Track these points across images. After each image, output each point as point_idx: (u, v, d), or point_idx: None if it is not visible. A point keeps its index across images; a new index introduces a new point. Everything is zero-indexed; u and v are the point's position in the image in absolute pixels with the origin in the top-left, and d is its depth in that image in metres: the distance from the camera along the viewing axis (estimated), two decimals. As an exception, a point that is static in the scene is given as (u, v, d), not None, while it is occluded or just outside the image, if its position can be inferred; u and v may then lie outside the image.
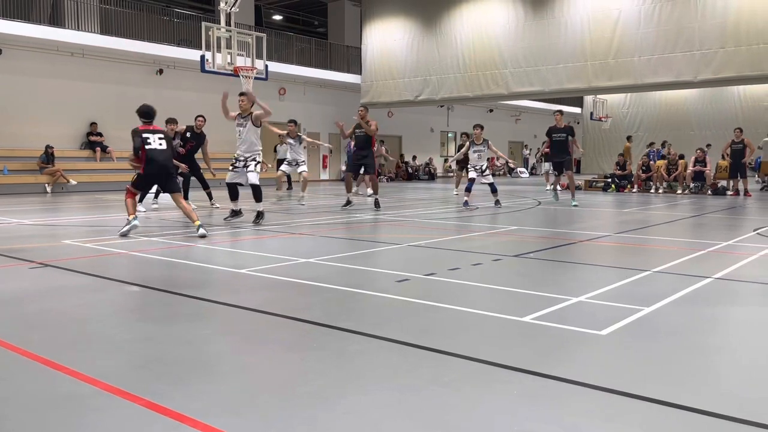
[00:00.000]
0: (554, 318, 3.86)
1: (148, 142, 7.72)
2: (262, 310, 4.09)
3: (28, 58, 18.10)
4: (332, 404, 2.57)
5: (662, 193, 17.90)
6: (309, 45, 26.68)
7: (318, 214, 11.02)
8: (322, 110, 26.13)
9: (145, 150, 7.69)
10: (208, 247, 6.96)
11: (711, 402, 2.60)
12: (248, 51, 15.38)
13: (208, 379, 2.84)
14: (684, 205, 13.51)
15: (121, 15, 20.41)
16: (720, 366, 3.14)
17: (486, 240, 7.75)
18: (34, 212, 11.16)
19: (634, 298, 4.41)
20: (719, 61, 16.73)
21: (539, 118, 37.26)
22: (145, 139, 7.72)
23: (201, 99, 21.78)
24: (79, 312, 4.12)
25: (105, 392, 2.66)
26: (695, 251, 6.69)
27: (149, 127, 7.90)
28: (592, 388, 2.73)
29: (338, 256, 6.29)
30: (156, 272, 5.56)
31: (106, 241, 7.35)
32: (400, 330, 3.70)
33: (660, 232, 8.80)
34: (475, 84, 21.49)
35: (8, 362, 3.11)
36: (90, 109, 19.27)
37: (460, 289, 4.85)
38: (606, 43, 18.42)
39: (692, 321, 3.99)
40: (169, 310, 4.19)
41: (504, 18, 20.67)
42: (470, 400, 2.62)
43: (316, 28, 33.59)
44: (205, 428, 2.32)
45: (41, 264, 5.74)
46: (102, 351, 3.27)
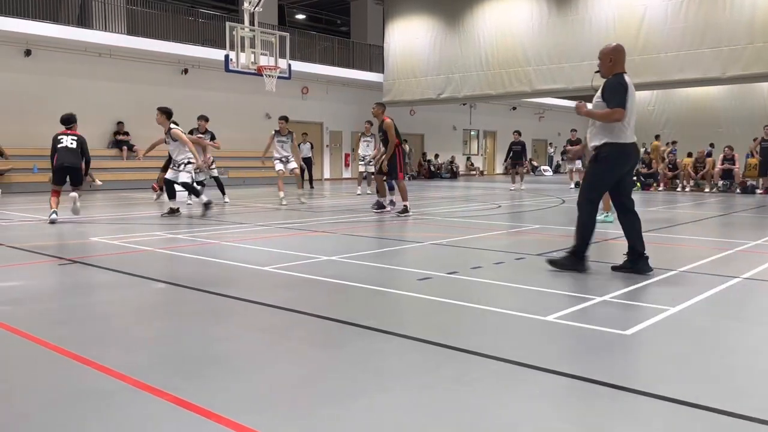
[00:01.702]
0: (578, 317, 3.83)
1: (60, 142, 9.72)
2: (285, 308, 4.11)
3: (57, 58, 18.44)
4: (354, 402, 2.58)
5: (689, 191, 17.64)
6: (332, 44, 26.76)
7: (340, 213, 11.05)
8: (344, 109, 26.20)
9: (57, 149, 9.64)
10: (233, 245, 7.02)
11: (736, 403, 2.55)
12: (272, 50, 15.49)
13: (232, 376, 2.87)
14: (712, 204, 13.30)
15: (147, 16, 20.67)
16: (746, 367, 3.08)
17: (509, 239, 7.70)
18: (62, 210, 11.35)
19: (660, 298, 4.35)
20: (748, 57, 16.42)
21: (563, 116, 36.93)
22: (59, 140, 9.78)
23: (225, 98, 22.04)
24: (105, 308, 4.19)
25: (131, 387, 2.71)
26: (723, 251, 6.58)
27: (66, 131, 9.97)
28: (616, 389, 2.70)
29: (360, 254, 6.30)
30: (181, 269, 5.63)
31: (132, 238, 7.46)
32: (422, 328, 3.70)
33: (687, 231, 8.67)
34: (498, 82, 21.37)
35: (36, 356, 3.17)
36: (117, 109, 19.57)
37: (483, 287, 4.83)
38: (631, 39, 18.17)
39: (719, 322, 3.92)
40: (194, 306, 4.24)
41: (527, 15, 20.52)
42: (493, 400, 2.61)
43: (338, 27, 33.67)
44: (230, 424, 2.34)
45: (69, 261, 5.85)
46: (128, 346, 3.33)
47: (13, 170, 16.41)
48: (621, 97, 5.05)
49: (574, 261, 5.30)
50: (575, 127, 20.80)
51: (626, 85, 5.12)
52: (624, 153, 5.16)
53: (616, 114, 5.03)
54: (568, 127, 22.46)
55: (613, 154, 5.14)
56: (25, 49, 17.82)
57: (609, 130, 5.14)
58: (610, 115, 5.06)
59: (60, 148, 9.68)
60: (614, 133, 5.12)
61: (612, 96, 5.09)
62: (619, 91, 5.09)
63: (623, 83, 5.12)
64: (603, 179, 5.26)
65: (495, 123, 34.75)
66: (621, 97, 5.05)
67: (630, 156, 5.23)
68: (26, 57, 17.91)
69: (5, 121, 17.32)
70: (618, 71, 5.24)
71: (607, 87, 5.19)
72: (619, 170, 5.21)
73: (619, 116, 5.03)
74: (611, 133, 5.13)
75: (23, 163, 16.94)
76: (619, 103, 5.04)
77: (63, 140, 9.83)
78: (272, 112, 23.33)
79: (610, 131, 5.13)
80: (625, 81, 5.15)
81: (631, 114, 5.14)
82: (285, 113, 12.85)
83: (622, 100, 5.05)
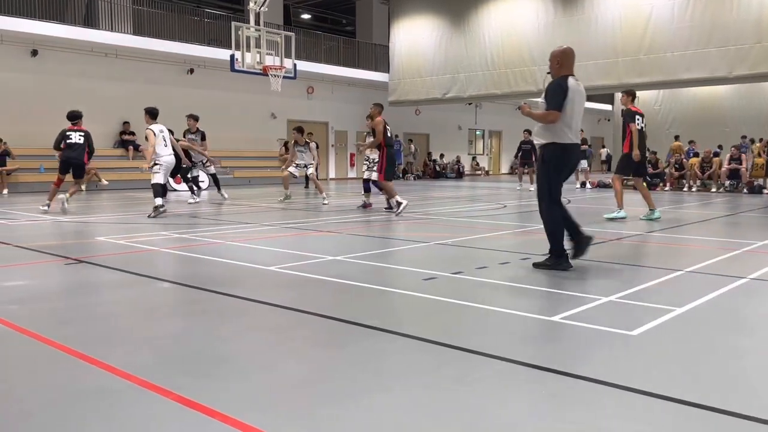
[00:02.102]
0: (584, 318, 3.81)
1: (69, 138, 10.88)
2: (290, 307, 4.12)
3: (63, 58, 18.51)
4: (356, 401, 2.58)
5: (696, 191, 17.56)
6: (337, 44, 26.77)
7: (345, 212, 11.05)
8: (350, 109, 26.21)
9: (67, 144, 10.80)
10: (238, 245, 7.03)
11: (741, 404, 2.54)
12: (277, 50, 15.51)
13: (236, 375, 2.87)
14: (718, 204, 13.24)
15: (153, 16, 20.73)
16: (753, 368, 3.07)
17: (515, 239, 7.69)
18: (69, 210, 11.40)
19: (666, 299, 4.34)
20: (755, 56, 16.32)
21: (569, 116, 36.83)
22: (68, 135, 10.92)
23: (231, 98, 22.08)
24: (111, 307, 4.20)
25: (137, 386, 2.71)
26: (729, 251, 6.54)
27: (72, 126, 11.13)
28: (622, 389, 2.69)
29: (365, 254, 6.31)
30: (186, 269, 5.64)
31: (138, 238, 7.48)
32: (426, 328, 3.70)
33: (693, 231, 8.63)
34: (503, 81, 21.33)
35: (42, 355, 3.18)
36: (123, 109, 19.63)
37: (488, 287, 4.83)
38: (637, 39, 18.11)
39: (725, 322, 3.90)
40: (199, 306, 4.25)
41: (533, 15, 20.47)
42: (497, 400, 2.60)
43: (344, 26, 33.68)
44: (235, 423, 2.35)
45: (76, 260, 5.87)
46: (133, 346, 3.33)
47: (20, 170, 16.48)
48: (557, 100, 5.24)
49: (556, 261, 5.41)
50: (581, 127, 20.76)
51: (566, 88, 5.29)
52: (566, 152, 5.37)
53: (550, 116, 5.25)
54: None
55: (557, 154, 5.35)
56: (32, 49, 17.90)
57: (551, 131, 5.32)
58: (545, 117, 5.28)
59: (68, 144, 10.82)
60: (556, 133, 5.31)
61: (550, 98, 5.30)
62: (557, 93, 5.28)
63: (563, 86, 5.29)
64: (554, 178, 5.45)
65: (500, 123, 34.69)
66: (557, 100, 5.24)
67: (572, 156, 5.46)
68: (33, 57, 17.99)
69: (12, 121, 17.40)
70: (564, 74, 5.40)
71: (548, 89, 5.39)
72: (564, 168, 5.44)
73: (553, 118, 5.24)
74: (553, 133, 5.32)
75: (30, 163, 17.01)
76: (554, 106, 5.24)
77: (72, 136, 10.92)
78: (278, 112, 23.38)
79: (552, 132, 5.32)
80: (567, 84, 5.31)
81: (572, 116, 5.31)
82: (290, 113, 12.91)
83: (558, 103, 5.24)
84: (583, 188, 18.98)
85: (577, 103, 5.35)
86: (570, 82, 5.32)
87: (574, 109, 5.30)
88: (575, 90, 5.33)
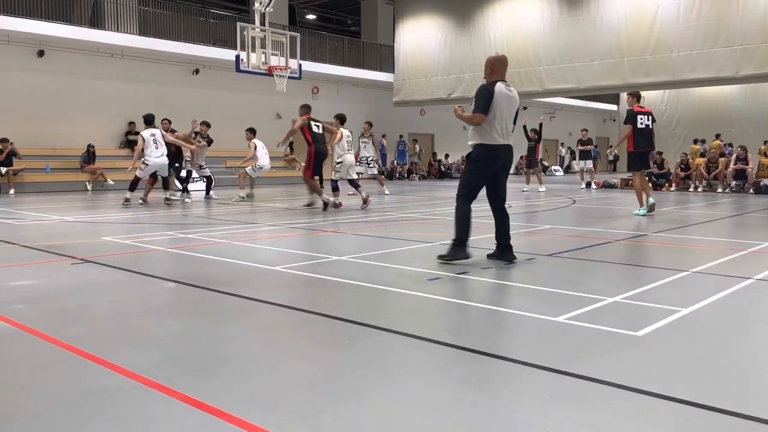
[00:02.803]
0: (589, 318, 3.81)
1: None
2: (295, 307, 4.12)
3: (70, 59, 18.58)
4: (361, 401, 2.59)
5: (702, 191, 17.50)
6: (342, 44, 26.79)
7: (349, 213, 11.06)
8: (354, 109, 26.19)
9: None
10: (243, 245, 7.05)
11: (748, 405, 2.53)
12: (282, 50, 15.51)
13: (241, 375, 2.88)
14: (724, 204, 13.19)
15: (159, 16, 20.79)
16: (759, 369, 3.06)
17: (520, 239, 7.67)
18: (75, 209, 11.45)
19: (672, 299, 4.32)
20: (761, 56, 16.25)
21: (574, 116, 36.78)
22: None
23: (236, 98, 22.11)
24: (117, 307, 4.22)
25: (142, 386, 2.72)
26: (736, 251, 6.52)
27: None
28: (627, 390, 2.69)
29: (370, 254, 6.31)
30: (191, 269, 5.66)
31: (143, 237, 7.51)
32: (431, 328, 3.70)
33: (699, 232, 8.60)
34: (509, 81, 21.24)
35: (48, 355, 3.20)
36: (128, 109, 19.69)
37: (493, 288, 4.82)
38: (643, 39, 18.05)
39: (731, 323, 3.89)
40: (204, 306, 4.26)
41: (538, 15, 20.43)
42: (501, 401, 2.60)
43: (349, 27, 33.70)
44: (239, 422, 2.35)
45: (81, 260, 5.89)
46: (139, 345, 3.35)
47: (27, 170, 16.55)
48: (483, 104, 5.55)
49: (456, 251, 5.70)
50: (586, 127, 20.69)
51: (492, 93, 5.57)
52: (492, 153, 5.66)
53: (475, 118, 5.58)
54: (579, 126, 22.35)
55: (482, 154, 5.67)
56: (38, 50, 17.97)
57: (479, 133, 5.65)
58: (471, 119, 5.61)
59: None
60: (483, 135, 5.63)
61: (477, 102, 5.61)
62: (483, 97, 5.58)
63: (490, 91, 5.59)
64: (475, 176, 5.77)
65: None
66: (483, 104, 5.55)
67: (497, 157, 5.70)
68: (39, 57, 18.07)
69: (19, 121, 17.48)
70: (495, 79, 5.72)
71: (476, 93, 5.68)
72: (488, 169, 5.72)
73: (479, 120, 5.56)
74: (481, 135, 5.64)
75: (36, 163, 17.09)
76: (480, 109, 5.56)
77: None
78: (283, 112, 23.39)
79: (480, 134, 5.65)
80: (494, 89, 5.59)
81: (494, 119, 5.58)
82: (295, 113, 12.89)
83: (483, 106, 5.55)
84: (588, 188, 18.93)
85: (505, 107, 5.63)
86: (498, 87, 5.62)
87: (501, 112, 5.59)
88: (502, 94, 5.62)
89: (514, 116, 5.78)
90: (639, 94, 10.89)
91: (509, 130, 5.73)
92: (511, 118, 5.73)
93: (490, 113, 5.56)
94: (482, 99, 5.59)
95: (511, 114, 5.73)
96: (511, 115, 5.74)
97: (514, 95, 5.76)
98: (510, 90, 5.73)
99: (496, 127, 5.60)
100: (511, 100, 5.72)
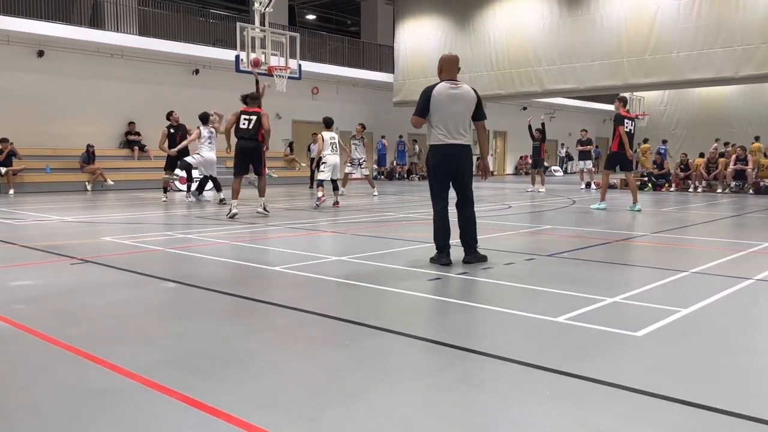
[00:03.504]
0: (588, 318, 3.81)
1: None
2: (295, 307, 4.12)
3: (69, 59, 18.58)
4: (361, 401, 2.59)
5: (701, 192, 17.50)
6: (342, 44, 26.78)
7: (349, 213, 11.07)
8: (354, 109, 26.21)
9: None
10: (242, 245, 7.05)
11: (747, 405, 2.53)
12: (282, 51, 15.49)
13: (241, 375, 2.88)
14: (724, 205, 13.19)
15: (159, 16, 20.79)
16: (758, 369, 3.06)
17: (519, 239, 7.68)
18: (74, 210, 11.44)
19: (672, 299, 4.32)
20: (761, 56, 16.27)
21: (574, 116, 36.77)
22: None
23: (236, 98, 21.99)
24: (116, 307, 4.22)
25: (141, 386, 2.72)
26: (735, 252, 6.52)
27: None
28: (627, 390, 2.69)
29: (369, 254, 6.31)
30: (191, 269, 5.66)
31: (143, 238, 7.50)
32: (431, 329, 3.70)
33: (698, 232, 8.61)
34: (508, 82, 21.31)
35: (48, 355, 3.20)
36: (128, 109, 19.70)
37: (493, 288, 4.82)
38: (643, 39, 18.07)
39: (731, 323, 3.89)
40: (204, 306, 4.26)
41: (538, 15, 20.45)
42: (501, 401, 2.60)
43: (349, 27, 33.70)
44: (239, 423, 2.35)
45: (81, 260, 5.89)
46: (138, 346, 3.35)
47: (26, 170, 16.54)
48: (418, 105, 5.65)
49: (437, 255, 5.74)
50: (585, 128, 20.70)
51: (429, 94, 5.63)
52: (437, 153, 5.66)
53: (412, 121, 5.77)
54: (578, 127, 22.36)
55: (431, 155, 5.76)
56: (38, 50, 17.97)
57: (428, 134, 5.76)
58: (412, 122, 5.80)
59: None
60: (430, 136, 5.72)
61: (417, 103, 5.70)
62: (420, 99, 5.67)
63: (426, 92, 5.66)
64: (431, 178, 5.81)
65: (505, 123, 34.60)
66: (418, 105, 5.65)
67: (444, 156, 5.66)
68: (39, 58, 18.06)
69: (18, 121, 17.48)
70: (444, 78, 5.71)
71: None
72: (439, 168, 5.70)
73: (414, 122, 5.74)
74: (429, 136, 5.75)
75: (36, 163, 17.08)
76: (415, 112, 5.67)
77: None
78: (282, 113, 23.38)
79: (428, 135, 5.75)
80: (432, 90, 5.63)
81: (438, 119, 5.58)
82: (295, 113, 12.99)
83: (418, 109, 5.65)
84: (588, 189, 18.92)
85: (449, 106, 5.58)
86: (438, 87, 5.62)
87: (443, 112, 5.57)
88: (443, 94, 5.59)
89: (468, 114, 5.66)
90: (626, 99, 11.73)
91: (459, 129, 5.61)
92: (462, 116, 5.62)
93: (431, 114, 5.58)
94: (419, 101, 5.66)
95: (460, 112, 5.61)
96: (462, 113, 5.62)
97: (461, 92, 5.63)
98: (456, 87, 5.62)
99: (440, 127, 5.58)
100: (457, 98, 5.60)
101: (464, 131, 5.64)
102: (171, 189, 14.37)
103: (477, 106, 5.70)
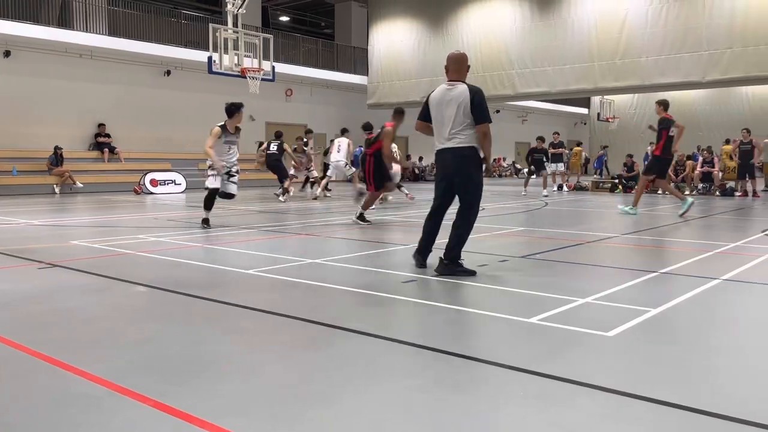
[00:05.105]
0: (561, 319, 3.85)
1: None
2: (270, 311, 4.10)
3: (37, 59, 18.22)
4: (338, 404, 2.58)
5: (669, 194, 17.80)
6: (316, 46, 26.72)
7: (327, 215, 11.04)
8: (328, 111, 26.17)
9: None
10: (216, 248, 6.98)
11: (717, 403, 2.59)
12: (255, 52, 15.41)
13: (215, 379, 2.85)
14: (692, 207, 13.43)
15: (129, 17, 20.51)
16: (727, 367, 3.13)
17: (493, 241, 7.74)
18: (42, 213, 11.22)
19: (641, 300, 4.40)
20: (727, 61, 16.66)
21: (546, 119, 37.17)
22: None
23: (208, 100, 21.89)
24: (87, 312, 4.15)
25: (113, 392, 2.68)
26: (703, 252, 6.66)
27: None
28: (599, 390, 2.73)
29: (345, 257, 6.30)
30: (163, 272, 5.59)
31: (114, 241, 7.39)
32: (406, 331, 3.71)
33: (667, 233, 8.77)
34: (481, 84, 21.14)
35: (17, 362, 3.13)
36: (98, 111, 19.38)
37: (467, 290, 4.85)
38: (613, 43, 18.36)
39: (700, 322, 3.97)
40: (176, 310, 4.21)
41: (510, 18, 20.65)
42: (476, 402, 2.62)
43: (322, 29, 33.65)
44: (213, 428, 2.33)
45: (50, 264, 5.78)
46: (110, 351, 3.29)
47: (-8, 172, 16.19)
48: (421, 110, 5.54)
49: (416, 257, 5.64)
50: (557, 130, 20.93)
51: (427, 98, 5.51)
52: (436, 158, 5.51)
53: (415, 125, 5.62)
54: (551, 130, 22.60)
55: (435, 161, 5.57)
56: (5, 50, 17.60)
57: None
58: (415, 126, 5.65)
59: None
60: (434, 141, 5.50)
61: None
62: (423, 103, 5.54)
63: (427, 96, 5.53)
64: (435, 183, 5.62)
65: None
66: (421, 110, 5.54)
67: (437, 162, 5.52)
68: (6, 58, 17.69)
69: (-16, 123, 17.09)
70: (449, 78, 5.44)
71: None
72: (436, 174, 5.63)
73: (416, 127, 5.62)
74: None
75: (2, 165, 16.72)
76: (418, 117, 5.58)
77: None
78: (256, 114, 23.23)
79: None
80: (430, 93, 5.50)
81: (437, 124, 5.40)
82: (269, 115, 12.90)
83: (420, 112, 5.54)
84: (560, 191, 19.14)
85: (440, 110, 5.33)
86: (436, 90, 5.44)
87: (435, 116, 5.41)
88: (436, 98, 5.39)
89: (461, 115, 5.18)
90: (668, 102, 11.01)
91: (448, 133, 5.25)
92: (449, 119, 5.22)
93: (432, 119, 5.43)
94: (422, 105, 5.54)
95: (450, 115, 5.22)
96: (450, 116, 5.22)
97: (454, 94, 5.23)
98: (452, 89, 5.28)
99: (439, 132, 5.38)
100: (450, 101, 5.23)
101: (456, 134, 5.21)
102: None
103: (473, 106, 5.15)
